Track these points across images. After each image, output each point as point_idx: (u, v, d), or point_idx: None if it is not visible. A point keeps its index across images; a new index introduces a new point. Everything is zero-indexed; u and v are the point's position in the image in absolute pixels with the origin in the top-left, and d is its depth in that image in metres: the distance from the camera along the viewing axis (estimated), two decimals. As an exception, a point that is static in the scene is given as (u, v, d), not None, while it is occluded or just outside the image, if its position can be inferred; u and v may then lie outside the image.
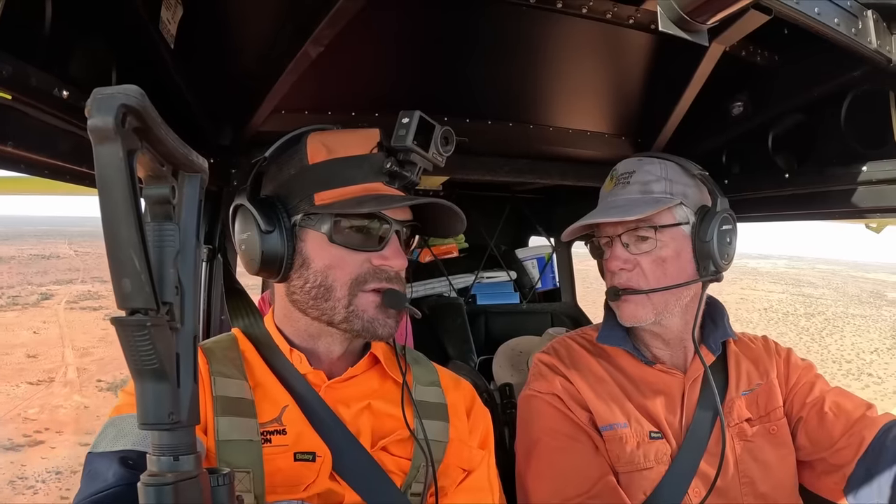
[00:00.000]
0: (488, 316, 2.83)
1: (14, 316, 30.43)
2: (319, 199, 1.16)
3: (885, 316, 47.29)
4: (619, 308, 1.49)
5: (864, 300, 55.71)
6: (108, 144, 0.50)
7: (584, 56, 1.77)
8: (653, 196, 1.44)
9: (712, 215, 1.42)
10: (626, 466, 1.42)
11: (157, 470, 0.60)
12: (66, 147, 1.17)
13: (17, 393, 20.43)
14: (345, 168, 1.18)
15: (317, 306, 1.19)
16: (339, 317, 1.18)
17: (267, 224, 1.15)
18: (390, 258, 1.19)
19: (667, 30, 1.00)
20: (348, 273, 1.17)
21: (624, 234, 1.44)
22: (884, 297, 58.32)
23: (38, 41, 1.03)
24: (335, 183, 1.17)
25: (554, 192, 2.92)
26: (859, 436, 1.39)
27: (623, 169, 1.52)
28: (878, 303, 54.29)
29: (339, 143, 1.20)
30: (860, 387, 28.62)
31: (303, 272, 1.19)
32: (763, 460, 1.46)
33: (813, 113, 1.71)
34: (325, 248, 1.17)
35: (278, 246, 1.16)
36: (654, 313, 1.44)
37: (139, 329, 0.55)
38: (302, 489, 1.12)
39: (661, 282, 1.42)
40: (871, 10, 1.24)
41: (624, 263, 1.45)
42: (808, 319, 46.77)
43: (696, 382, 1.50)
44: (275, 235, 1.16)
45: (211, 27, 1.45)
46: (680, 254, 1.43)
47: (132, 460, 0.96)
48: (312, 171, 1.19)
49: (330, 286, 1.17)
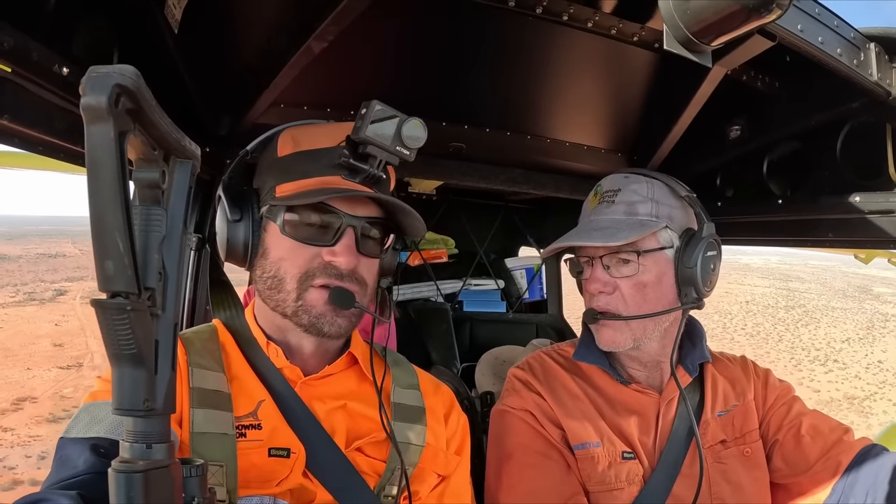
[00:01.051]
0: (474, 323, 2.82)
1: (34, 310, 31.38)
2: (280, 192, 1.18)
3: (866, 309, 47.92)
4: (597, 332, 1.48)
5: (850, 294, 56.29)
6: (99, 124, 0.50)
7: (586, 70, 1.77)
8: (637, 219, 1.42)
9: (697, 240, 1.40)
10: (597, 486, 1.41)
11: (129, 457, 0.60)
12: (62, 124, 1.16)
13: (49, 376, 21.64)
14: (304, 161, 1.20)
15: (271, 297, 1.20)
16: (290, 310, 1.18)
17: (234, 213, 1.19)
18: (339, 254, 1.17)
19: (671, 49, 1.00)
20: (297, 266, 1.18)
21: (605, 255, 1.42)
22: (869, 291, 58.90)
23: (42, 15, 1.02)
24: (294, 175, 1.19)
25: (546, 204, 2.92)
26: (836, 460, 1.39)
27: (608, 186, 1.50)
28: (862, 297, 54.87)
29: (308, 136, 1.22)
30: (824, 371, 29.14)
31: (262, 262, 1.21)
32: (736, 482, 1.45)
33: (809, 141, 1.72)
34: (278, 239, 1.19)
35: (241, 235, 1.19)
36: (632, 339, 1.43)
37: (119, 313, 0.54)
38: (275, 485, 1.11)
39: (641, 307, 1.41)
40: (874, 43, 1.25)
41: (603, 286, 1.43)
42: (787, 311, 47.28)
43: (672, 403, 1.50)
44: (241, 225, 1.19)
45: (216, 16, 1.44)
46: (661, 279, 1.41)
47: (104, 448, 0.95)
48: (278, 163, 1.22)
49: (281, 278, 1.18)
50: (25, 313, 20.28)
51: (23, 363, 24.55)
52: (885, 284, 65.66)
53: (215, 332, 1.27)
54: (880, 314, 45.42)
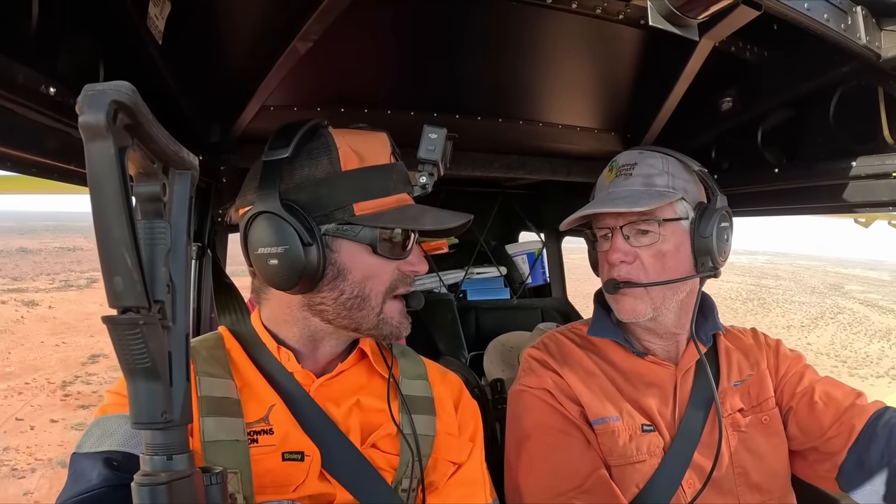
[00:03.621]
0: (479, 312, 2.83)
1: (75, 294, 33.12)
2: (360, 209, 1.14)
3: (827, 303, 48.42)
4: (616, 302, 1.48)
5: (819, 291, 56.76)
6: (99, 141, 0.50)
7: (574, 52, 1.77)
8: (656, 189, 1.43)
9: (712, 211, 1.42)
10: (618, 460, 1.42)
11: (151, 469, 0.60)
12: (53, 145, 1.16)
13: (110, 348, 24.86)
14: (378, 178, 1.18)
15: (349, 316, 1.17)
16: (370, 324, 1.19)
17: (308, 237, 1.09)
18: (416, 264, 1.23)
19: (657, 24, 1.00)
20: (384, 282, 1.18)
21: (625, 225, 1.43)
22: (840, 288, 59.27)
23: (25, 38, 1.02)
24: (373, 193, 1.16)
25: (543, 188, 2.92)
26: (849, 424, 1.40)
27: (624, 160, 1.50)
28: (830, 293, 55.32)
29: (367, 149, 1.18)
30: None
31: (337, 283, 1.15)
32: (756, 450, 1.47)
33: (802, 108, 1.72)
34: (365, 258, 1.16)
35: (316, 259, 1.10)
36: (651, 308, 1.44)
37: (131, 328, 0.54)
38: (292, 489, 1.11)
39: (661, 276, 1.42)
40: (861, 6, 1.25)
41: (625, 256, 1.43)
42: (743, 303, 47.94)
43: (688, 374, 1.51)
44: (314, 248, 1.10)
45: (199, 24, 1.43)
46: (679, 249, 1.43)
47: (117, 461, 0.95)
48: (346, 178, 1.15)
49: (367, 296, 1.17)
50: (68, 297, 21.60)
51: (86, 332, 27.03)
52: (859, 282, 66.04)
53: (221, 339, 1.26)
54: (837, 307, 45.95)
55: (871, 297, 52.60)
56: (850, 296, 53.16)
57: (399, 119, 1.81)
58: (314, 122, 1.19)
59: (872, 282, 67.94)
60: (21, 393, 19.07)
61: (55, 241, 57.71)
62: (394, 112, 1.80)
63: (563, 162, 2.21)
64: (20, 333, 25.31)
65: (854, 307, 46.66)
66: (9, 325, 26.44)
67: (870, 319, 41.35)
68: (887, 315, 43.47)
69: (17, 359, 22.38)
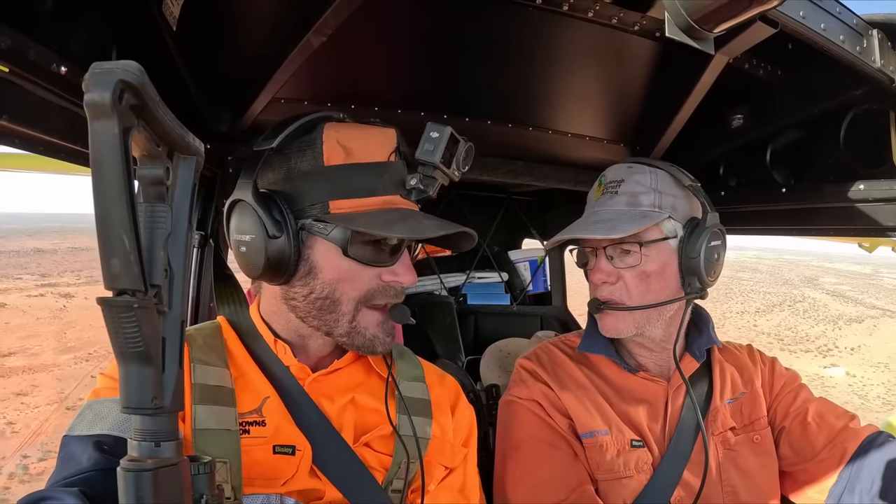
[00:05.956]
0: (478, 316, 2.82)
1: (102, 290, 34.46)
2: (335, 208, 1.10)
3: (794, 294, 48.64)
4: (600, 320, 1.48)
5: (791, 283, 56.87)
6: (103, 120, 0.49)
7: (587, 61, 1.76)
8: (640, 209, 1.41)
9: (701, 230, 1.40)
10: (605, 474, 1.41)
11: (138, 455, 0.59)
12: (61, 123, 1.16)
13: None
14: (364, 176, 1.12)
15: (319, 317, 1.15)
16: (341, 330, 1.15)
17: (275, 228, 1.07)
18: (401, 274, 1.16)
19: (673, 36, 0.99)
20: (358, 288, 1.13)
21: (609, 246, 1.42)
22: (814, 281, 59.35)
23: (40, 15, 1.02)
24: (354, 192, 1.11)
25: (549, 196, 2.91)
26: (842, 447, 1.40)
27: (612, 177, 1.49)
28: (801, 285, 55.43)
29: (358, 145, 1.13)
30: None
31: (308, 280, 1.13)
32: (746, 469, 1.46)
33: (812, 129, 1.71)
34: (336, 259, 1.12)
35: (285, 252, 1.08)
36: (634, 327, 1.43)
37: (126, 310, 0.54)
38: (280, 484, 1.10)
39: (644, 297, 1.41)
40: (877, 30, 1.25)
41: (607, 276, 1.43)
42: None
43: (680, 390, 1.49)
44: (282, 240, 1.08)
45: (214, 12, 1.43)
46: (665, 269, 1.41)
47: (107, 445, 0.95)
48: (328, 174, 1.11)
49: (337, 300, 1.13)
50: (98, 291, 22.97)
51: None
52: (836, 275, 65.96)
53: (219, 328, 1.25)
54: (801, 297, 46.06)
55: (841, 289, 52.57)
56: (820, 287, 53.20)
57: (409, 119, 1.79)
58: (320, 115, 1.17)
59: (851, 275, 67.81)
60: (87, 360, 20.68)
61: (65, 241, 58.42)
62: (404, 112, 1.79)
63: (569, 170, 2.20)
64: (67, 319, 26.66)
65: (818, 296, 46.77)
66: (54, 312, 27.94)
67: (828, 308, 41.53)
68: (847, 304, 43.61)
69: (73, 336, 23.69)
